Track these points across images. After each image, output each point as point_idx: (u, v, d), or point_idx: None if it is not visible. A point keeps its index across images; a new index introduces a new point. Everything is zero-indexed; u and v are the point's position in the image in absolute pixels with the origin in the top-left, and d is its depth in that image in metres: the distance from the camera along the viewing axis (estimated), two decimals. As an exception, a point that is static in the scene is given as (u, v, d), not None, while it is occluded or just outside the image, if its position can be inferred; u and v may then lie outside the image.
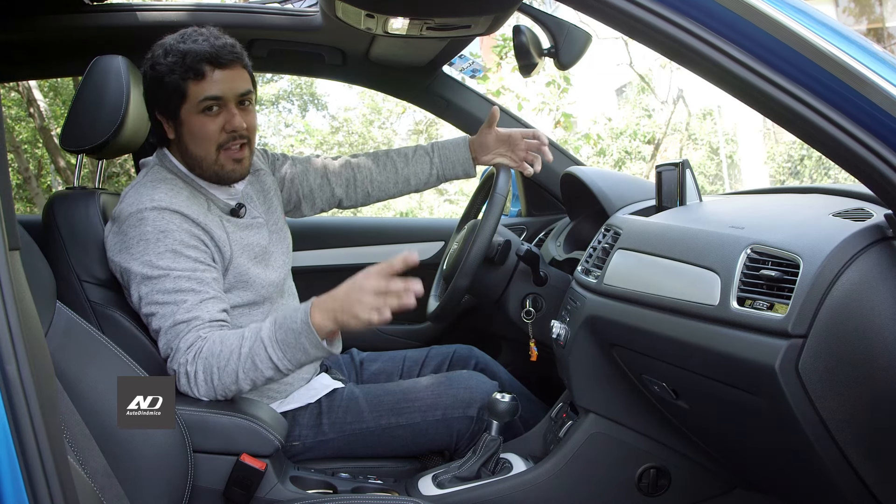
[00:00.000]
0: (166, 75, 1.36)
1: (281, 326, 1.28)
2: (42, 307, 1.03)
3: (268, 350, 1.27)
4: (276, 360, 1.27)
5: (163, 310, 1.32)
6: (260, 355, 1.27)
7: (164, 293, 1.32)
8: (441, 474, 1.46)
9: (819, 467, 0.98)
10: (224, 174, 1.43)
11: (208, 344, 1.29)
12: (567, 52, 1.41)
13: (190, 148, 1.41)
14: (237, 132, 1.40)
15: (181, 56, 1.35)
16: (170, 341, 1.32)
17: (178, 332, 1.31)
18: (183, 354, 1.30)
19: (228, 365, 1.28)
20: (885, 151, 0.85)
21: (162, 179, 1.42)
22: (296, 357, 1.27)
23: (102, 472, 1.03)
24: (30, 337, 0.77)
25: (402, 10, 1.52)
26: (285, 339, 1.26)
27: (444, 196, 9.81)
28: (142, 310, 1.35)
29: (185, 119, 1.39)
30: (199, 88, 1.36)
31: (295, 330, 1.26)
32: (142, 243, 1.34)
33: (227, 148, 1.40)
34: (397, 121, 11.48)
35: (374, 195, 1.76)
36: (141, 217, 1.34)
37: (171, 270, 1.33)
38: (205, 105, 1.37)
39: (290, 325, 1.27)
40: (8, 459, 0.73)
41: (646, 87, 8.60)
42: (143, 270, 1.33)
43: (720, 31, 0.89)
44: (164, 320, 1.32)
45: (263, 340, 1.27)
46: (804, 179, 8.49)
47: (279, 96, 11.69)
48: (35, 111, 6.96)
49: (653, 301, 1.19)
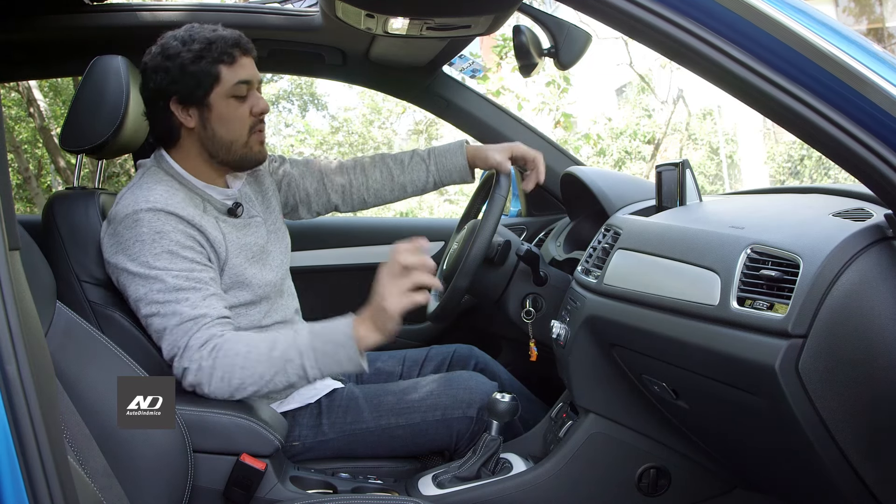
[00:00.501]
0: (192, 63, 1.38)
1: (319, 336, 1.30)
2: (42, 307, 1.03)
3: (303, 357, 1.28)
4: (308, 367, 1.29)
5: (165, 309, 1.32)
6: (293, 361, 1.28)
7: (164, 292, 1.32)
8: (441, 474, 1.46)
9: (819, 467, 0.98)
10: (252, 156, 1.47)
11: (229, 343, 1.30)
12: (567, 52, 1.41)
13: (219, 133, 1.43)
14: (264, 114, 1.46)
15: (208, 43, 1.39)
16: (177, 340, 1.31)
17: (187, 329, 1.31)
18: (196, 351, 1.29)
19: (255, 367, 1.28)
20: (885, 151, 0.85)
21: (158, 181, 1.42)
22: (328, 368, 1.30)
23: (102, 472, 1.03)
24: (30, 337, 0.77)
25: (402, 10, 1.52)
26: (324, 350, 1.28)
27: (444, 196, 9.81)
28: (141, 311, 1.35)
29: (214, 104, 1.41)
30: (233, 72, 1.40)
31: (336, 342, 1.28)
32: (137, 244, 1.34)
33: (255, 132, 1.45)
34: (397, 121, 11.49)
35: (371, 202, 1.78)
36: (136, 218, 1.34)
37: (168, 271, 1.33)
38: (237, 89, 1.41)
39: (330, 336, 1.29)
40: (8, 459, 0.72)
41: (646, 87, 8.60)
42: (140, 271, 1.33)
43: (720, 31, 0.89)
44: (168, 319, 1.32)
45: (300, 348, 1.29)
46: (804, 179, 8.49)
47: (279, 96, 11.69)
48: (35, 111, 6.96)
49: (653, 301, 1.19)
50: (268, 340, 1.31)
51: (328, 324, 1.31)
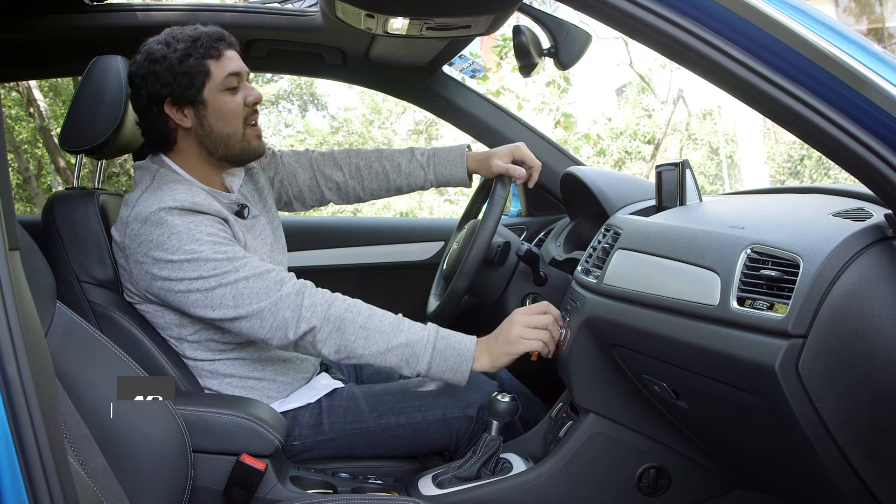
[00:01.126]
0: (181, 62, 1.38)
1: (445, 338, 1.36)
2: (42, 307, 1.03)
3: (424, 349, 1.34)
4: (422, 360, 1.34)
5: (227, 278, 1.31)
6: (412, 347, 1.34)
7: (222, 263, 1.31)
8: (441, 474, 1.46)
9: (819, 467, 0.98)
10: (250, 150, 1.47)
11: (348, 301, 1.35)
12: (567, 52, 1.41)
13: (216, 129, 1.43)
14: (257, 103, 1.46)
15: (192, 40, 1.39)
16: (264, 289, 1.31)
17: (270, 278, 1.32)
18: (301, 294, 1.32)
19: (375, 335, 1.32)
20: (885, 151, 0.85)
21: (176, 181, 1.42)
22: (438, 370, 1.36)
23: (102, 472, 1.03)
24: (30, 337, 0.77)
25: (402, 10, 1.52)
26: (444, 352, 1.35)
27: (444, 196, 9.81)
28: (197, 292, 1.32)
29: (208, 99, 1.41)
30: (221, 66, 1.42)
31: (458, 351, 1.35)
32: (174, 237, 1.32)
33: (251, 124, 1.46)
34: (397, 121, 11.49)
35: (365, 199, 1.80)
36: (164, 216, 1.33)
37: (216, 249, 1.32)
38: (228, 81, 1.41)
39: (455, 343, 1.36)
40: (8, 459, 0.72)
41: (646, 87, 8.60)
42: (185, 257, 1.31)
43: (720, 31, 0.89)
44: (234, 287, 1.31)
45: (426, 338, 1.35)
46: (804, 179, 8.49)
47: (279, 96, 11.70)
48: (35, 111, 6.96)
49: (653, 301, 1.19)
50: (392, 315, 1.36)
51: (454, 332, 1.38)
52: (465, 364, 1.36)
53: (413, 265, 2.26)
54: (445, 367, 1.35)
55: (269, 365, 1.50)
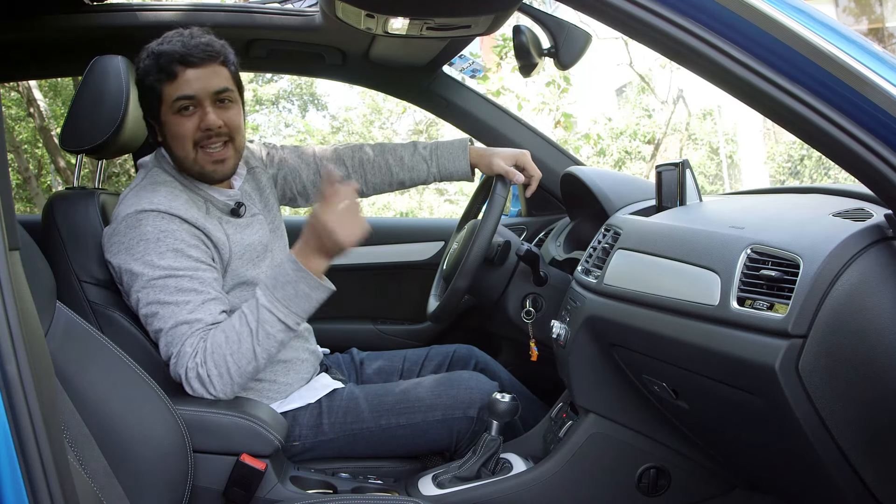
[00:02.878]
0: (145, 78, 1.39)
1: (274, 286, 1.32)
2: (42, 307, 1.03)
3: (273, 312, 1.30)
4: (283, 317, 1.31)
5: (164, 310, 1.33)
6: (268, 321, 1.30)
7: (167, 293, 1.33)
8: (441, 474, 1.46)
9: (819, 467, 0.98)
10: (205, 174, 1.44)
11: (210, 341, 1.31)
12: (567, 52, 1.41)
13: (173, 149, 1.43)
14: (212, 130, 1.39)
15: (156, 58, 1.38)
16: (170, 343, 1.33)
17: (181, 333, 1.32)
18: (191, 359, 1.31)
19: (241, 346, 1.30)
20: (885, 151, 0.85)
21: (161, 182, 1.42)
22: (300, 306, 1.32)
23: (102, 472, 1.03)
24: (30, 337, 0.77)
25: (402, 10, 1.52)
26: (284, 294, 1.31)
27: (444, 196, 9.81)
28: (140, 310, 1.36)
29: (164, 120, 1.41)
30: (172, 89, 1.38)
31: (290, 281, 1.31)
32: (142, 243, 1.34)
33: (204, 147, 1.41)
34: (397, 121, 11.50)
35: (368, 193, 1.79)
36: (140, 218, 1.35)
37: (173, 270, 1.33)
38: (179, 105, 1.38)
39: (282, 279, 1.31)
40: (8, 459, 0.72)
41: (646, 87, 8.60)
42: (144, 270, 1.33)
43: (720, 31, 0.89)
44: (164, 321, 1.33)
45: (265, 306, 1.31)
46: (804, 179, 8.48)
47: (279, 96, 11.70)
48: (35, 111, 6.97)
49: (653, 301, 1.19)
50: (236, 316, 1.33)
51: (274, 272, 1.34)
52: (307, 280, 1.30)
53: (413, 265, 2.26)
54: (300, 296, 1.30)
55: (270, 366, 1.49)
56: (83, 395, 1.09)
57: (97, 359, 1.17)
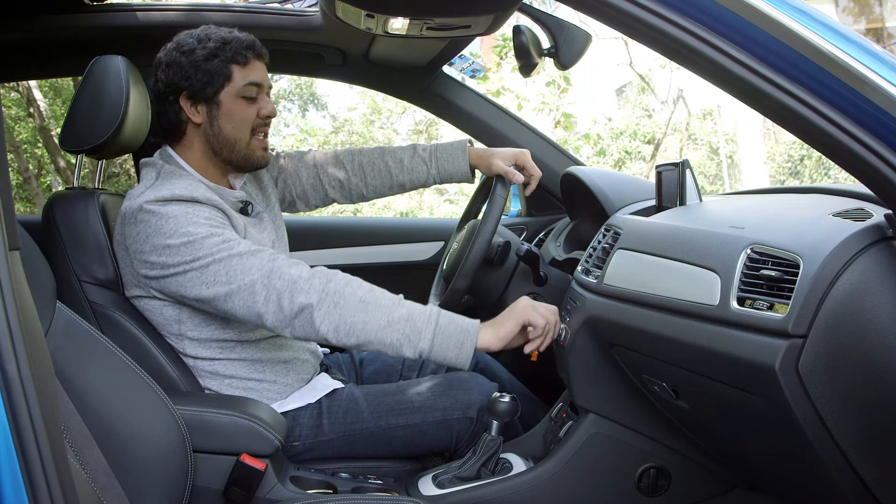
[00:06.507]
0: (206, 60, 1.41)
1: (447, 316, 1.30)
2: (42, 307, 1.03)
3: (426, 325, 1.27)
4: (424, 337, 1.27)
5: (222, 253, 1.30)
6: (414, 322, 1.27)
7: (216, 245, 1.30)
8: (441, 474, 1.46)
9: (819, 467, 0.98)
10: (253, 159, 1.49)
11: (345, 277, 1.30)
12: (567, 52, 1.41)
13: (224, 130, 1.45)
14: (270, 118, 1.49)
15: (223, 42, 1.42)
16: (257, 264, 1.29)
17: (262, 256, 1.30)
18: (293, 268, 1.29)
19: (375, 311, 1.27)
20: (885, 151, 0.85)
21: (178, 175, 1.44)
22: (441, 348, 1.28)
23: (102, 472, 1.03)
24: (30, 337, 0.77)
25: (402, 10, 1.52)
26: (447, 329, 1.28)
27: (444, 196, 9.81)
28: (191, 271, 1.31)
29: (223, 101, 1.44)
30: (244, 73, 1.44)
31: (462, 328, 1.29)
32: (171, 221, 1.32)
33: (257, 133, 1.48)
34: (397, 121, 11.50)
35: (369, 197, 1.79)
36: (161, 207, 1.34)
37: (212, 232, 1.32)
38: (247, 90, 1.44)
39: (458, 321, 1.30)
40: (8, 459, 0.73)
41: (646, 87, 8.60)
42: (182, 240, 1.31)
43: (720, 31, 0.89)
44: (231, 260, 1.29)
45: (427, 314, 1.28)
46: (804, 179, 8.48)
47: (279, 96, 11.70)
48: (35, 111, 6.97)
49: (653, 301, 1.19)
50: (390, 294, 1.31)
51: (451, 314, 1.31)
52: (468, 340, 1.28)
53: (413, 265, 2.26)
54: (448, 343, 1.27)
55: (270, 366, 1.50)
56: (83, 395, 1.09)
57: (97, 359, 1.17)
